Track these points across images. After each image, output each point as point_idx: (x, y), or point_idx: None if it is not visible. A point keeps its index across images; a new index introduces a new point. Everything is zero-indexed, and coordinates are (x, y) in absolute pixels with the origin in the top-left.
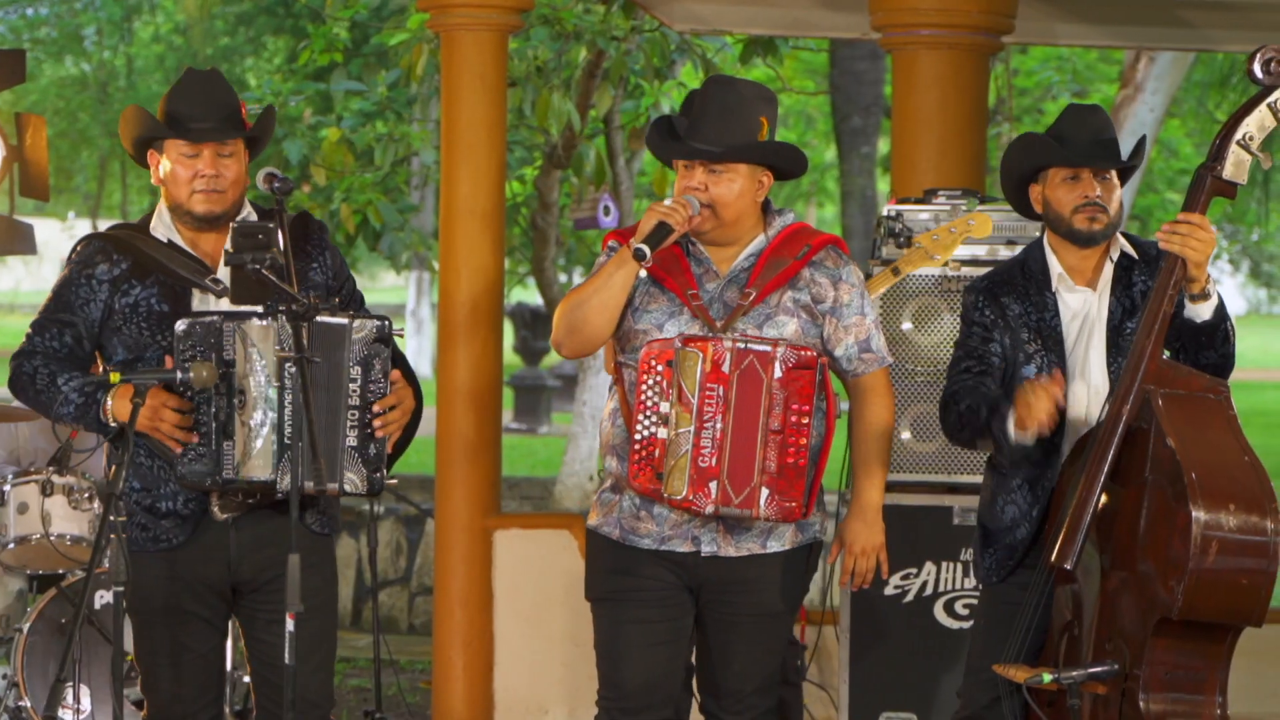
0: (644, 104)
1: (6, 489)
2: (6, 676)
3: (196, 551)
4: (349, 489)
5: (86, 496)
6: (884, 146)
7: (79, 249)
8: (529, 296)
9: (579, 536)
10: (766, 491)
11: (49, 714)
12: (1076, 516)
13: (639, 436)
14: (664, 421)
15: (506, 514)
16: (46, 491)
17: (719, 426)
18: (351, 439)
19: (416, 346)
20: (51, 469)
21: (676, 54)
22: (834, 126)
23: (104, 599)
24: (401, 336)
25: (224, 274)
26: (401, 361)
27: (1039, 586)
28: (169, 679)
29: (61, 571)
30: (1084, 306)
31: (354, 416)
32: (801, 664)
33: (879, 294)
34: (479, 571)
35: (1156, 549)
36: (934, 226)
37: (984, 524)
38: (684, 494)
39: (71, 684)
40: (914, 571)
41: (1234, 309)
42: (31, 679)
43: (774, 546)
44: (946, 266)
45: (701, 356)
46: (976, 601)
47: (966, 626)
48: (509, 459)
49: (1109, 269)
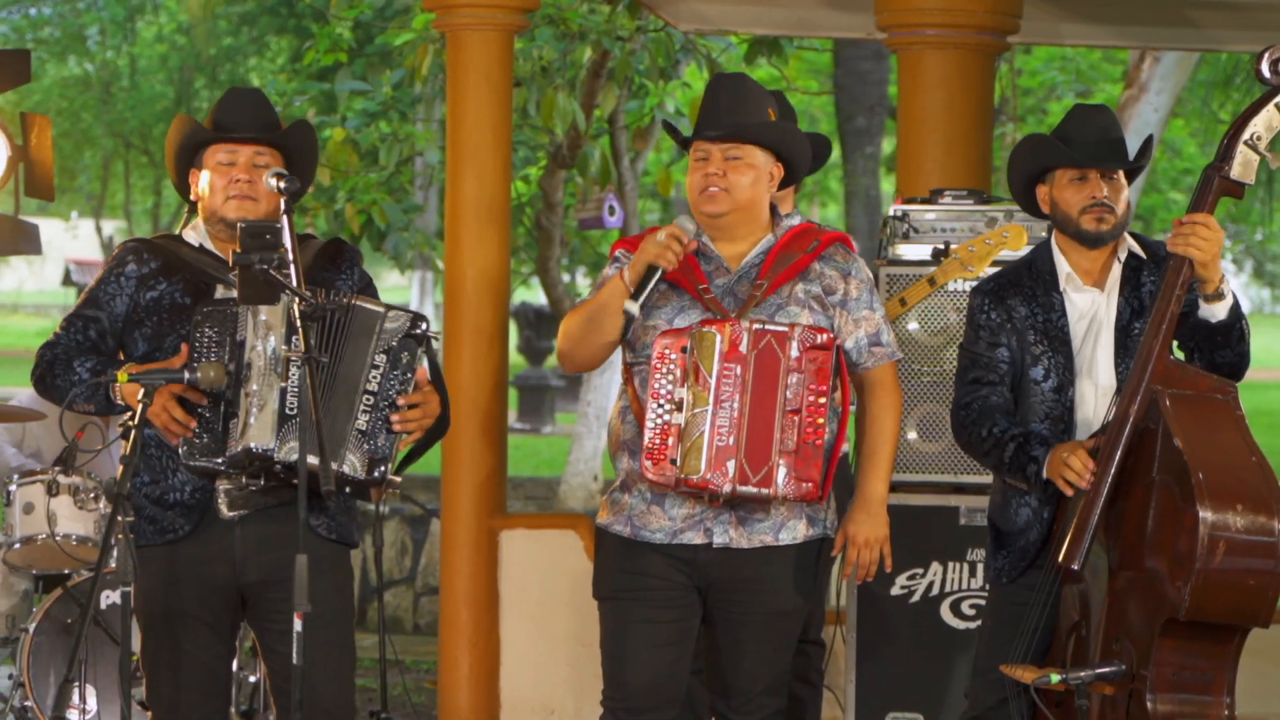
0: (649, 104)
1: (13, 489)
2: (12, 677)
3: (201, 548)
4: (347, 470)
5: (92, 496)
6: (888, 146)
7: (116, 252)
8: (533, 296)
9: (585, 537)
10: (784, 471)
11: (57, 714)
12: (1084, 517)
13: (652, 425)
14: (678, 407)
15: (512, 514)
16: (52, 491)
17: (736, 406)
18: (361, 423)
19: None
20: (57, 469)
21: (681, 54)
22: (838, 126)
23: (110, 599)
24: (437, 339)
25: None
26: (435, 369)
27: (1046, 587)
28: (170, 685)
29: (67, 572)
30: (1092, 307)
31: (368, 402)
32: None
33: (916, 304)
34: (485, 572)
35: (1164, 549)
36: (941, 227)
37: (996, 525)
38: (701, 473)
39: (78, 684)
40: (920, 572)
41: None
42: (37, 679)
43: (785, 539)
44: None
45: (719, 336)
46: (983, 602)
47: (973, 627)
48: (513, 459)
49: (1117, 269)
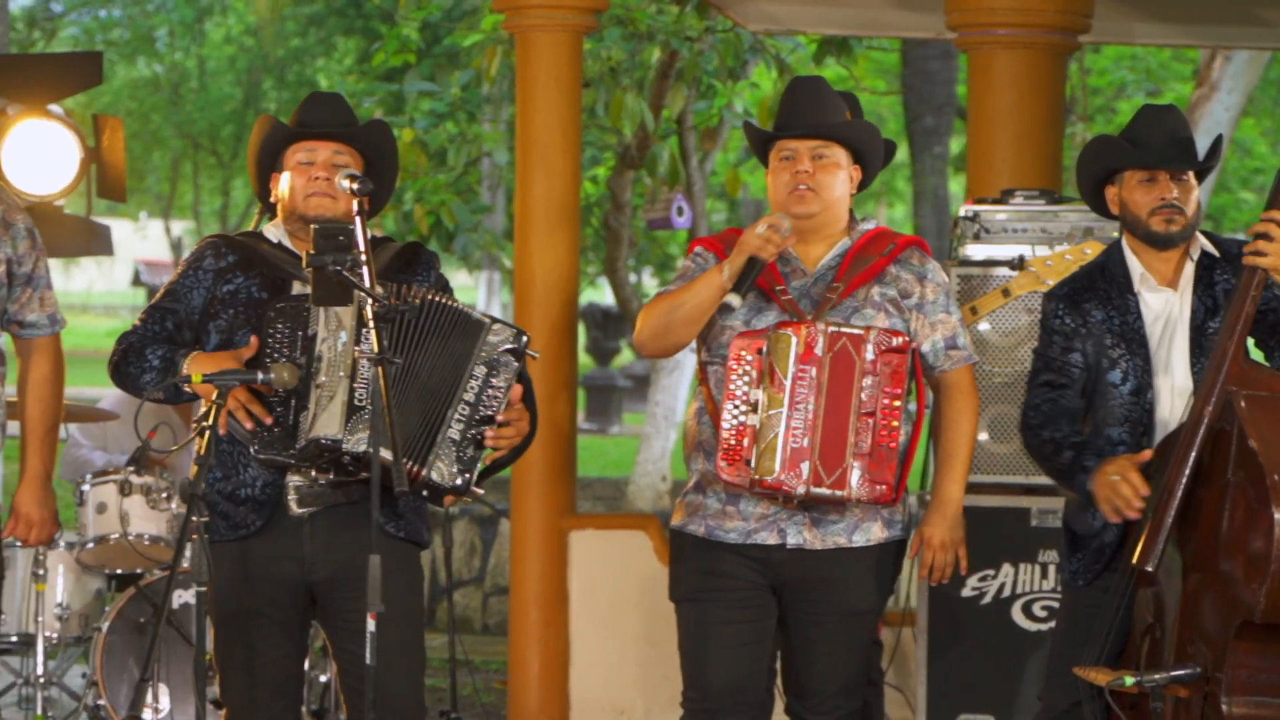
0: (717, 104)
1: (85, 489)
2: (86, 675)
3: (271, 545)
4: (434, 477)
5: (164, 496)
6: (956, 146)
7: (196, 248)
8: (600, 297)
9: (654, 537)
10: (858, 473)
11: (133, 713)
12: (1158, 518)
13: (727, 426)
14: (753, 408)
15: (582, 514)
16: (125, 491)
17: (811, 408)
18: (454, 431)
19: None
20: (130, 469)
21: (749, 54)
22: (906, 126)
23: (182, 599)
24: (535, 358)
25: None
26: (529, 387)
27: (1121, 589)
28: (243, 683)
29: (139, 571)
30: (1166, 307)
31: (463, 412)
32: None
33: (989, 313)
34: (554, 572)
35: (1239, 551)
36: (1012, 228)
37: (1071, 528)
38: (776, 474)
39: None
40: (992, 573)
41: None
42: (110, 678)
43: (859, 541)
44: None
45: (795, 339)
46: (1055, 603)
47: (1044, 628)
48: (580, 459)
49: (1189, 269)
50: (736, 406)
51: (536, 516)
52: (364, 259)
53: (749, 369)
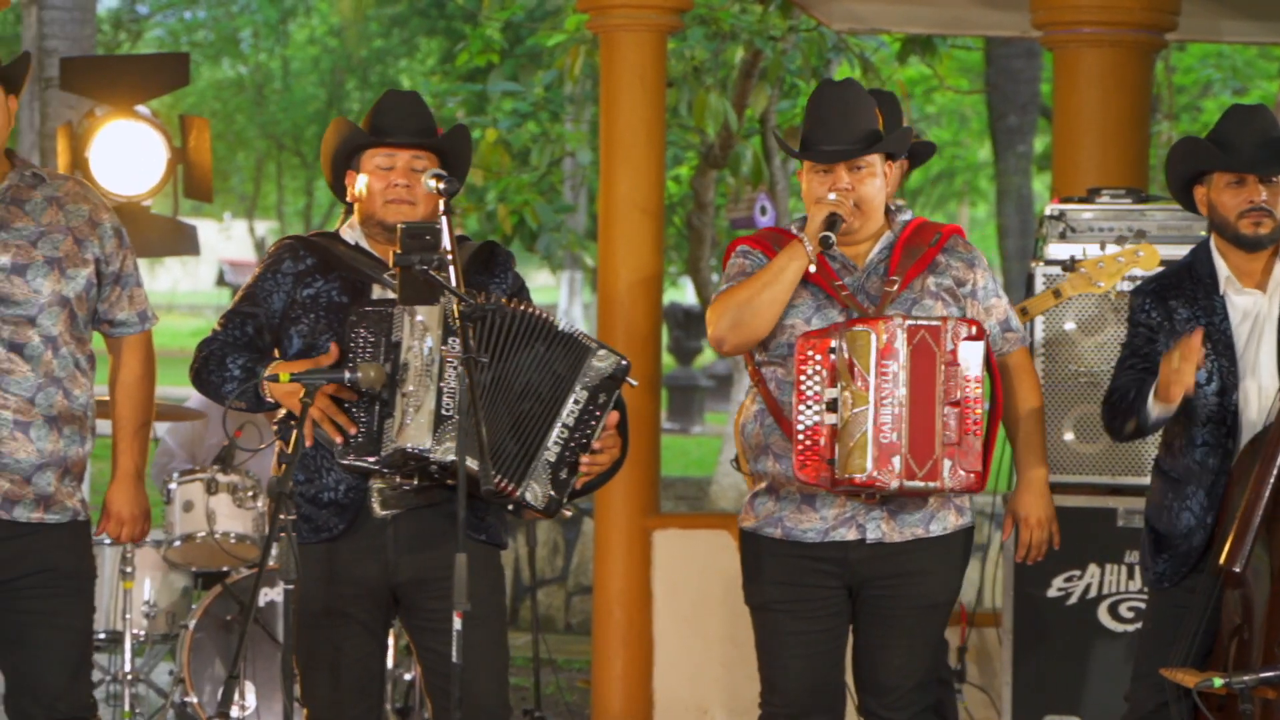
0: (800, 104)
1: (173, 487)
2: (173, 673)
3: (355, 547)
4: (528, 497)
5: (250, 495)
6: (1039, 145)
7: (272, 250)
8: (681, 296)
9: (738, 537)
10: (949, 463)
11: (222, 710)
12: (1246, 518)
13: (802, 427)
14: (830, 408)
15: (665, 514)
16: (211, 490)
17: (897, 403)
18: (551, 454)
19: None
20: (216, 467)
21: (833, 53)
22: (989, 125)
23: (267, 597)
24: (634, 385)
25: None
26: (623, 413)
27: (1208, 590)
28: (327, 682)
29: (226, 569)
30: (1254, 308)
31: (562, 436)
32: (961, 663)
33: (1040, 314)
34: (638, 571)
35: None
36: (1098, 227)
37: (1155, 528)
38: (868, 471)
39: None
40: (1078, 573)
41: None
42: (196, 675)
43: (936, 530)
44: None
45: (874, 335)
46: (1142, 604)
47: (1131, 629)
48: (662, 459)
49: (1278, 270)
50: (809, 407)
51: (620, 516)
52: (450, 258)
53: (819, 368)
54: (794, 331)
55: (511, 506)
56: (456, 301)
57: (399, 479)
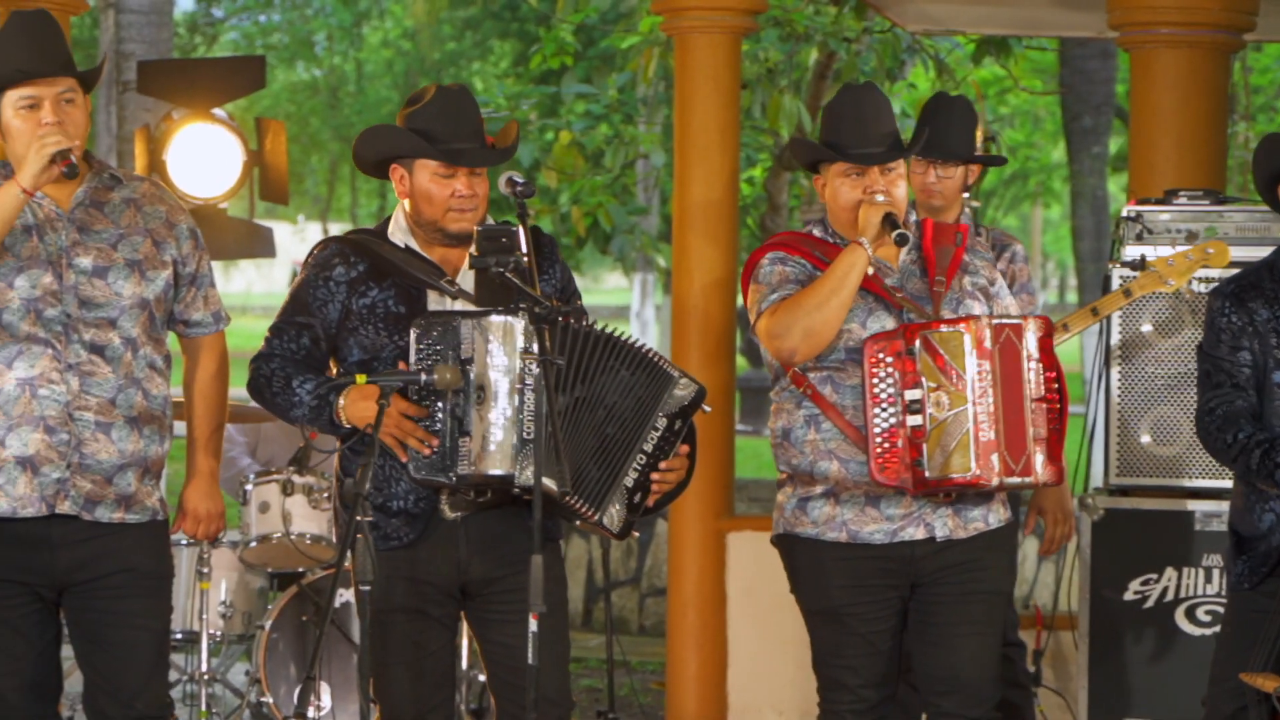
0: None
1: (248, 488)
2: (249, 673)
3: (427, 551)
4: (606, 522)
5: (325, 496)
6: (1114, 146)
7: (315, 252)
8: None
9: (786, 543)
10: (1040, 457)
11: (299, 711)
12: None
13: (879, 429)
14: (910, 409)
15: (739, 516)
16: (287, 491)
17: (991, 401)
18: (629, 479)
19: None
20: (292, 469)
21: (907, 54)
22: (1064, 126)
23: (344, 598)
24: (707, 411)
25: (462, 278)
26: (693, 437)
27: None
28: (405, 678)
29: (301, 570)
30: None
31: (641, 461)
32: (1036, 666)
33: (1110, 314)
34: (712, 573)
35: None
36: (1175, 228)
37: (1237, 530)
38: (972, 470)
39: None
40: (1154, 577)
41: None
42: (273, 676)
43: (994, 523)
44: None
45: (967, 335)
46: (1219, 608)
47: (1209, 633)
48: (736, 460)
49: None
50: (884, 409)
51: (694, 518)
52: (526, 260)
53: (891, 370)
54: (850, 336)
55: (579, 521)
56: (532, 305)
57: (473, 494)
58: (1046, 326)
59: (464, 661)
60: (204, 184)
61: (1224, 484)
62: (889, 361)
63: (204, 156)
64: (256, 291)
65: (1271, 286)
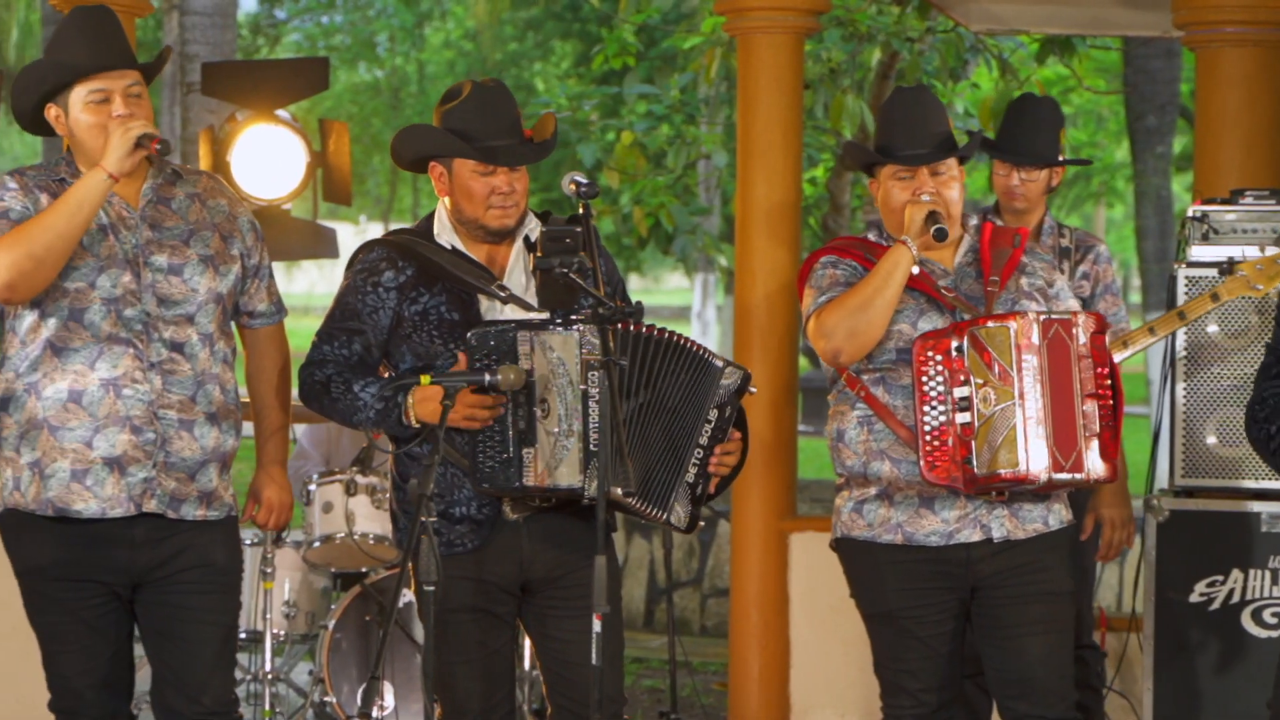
0: None
1: (312, 489)
2: (312, 673)
3: (492, 553)
4: (673, 521)
5: (389, 496)
6: (1178, 146)
7: (360, 256)
8: None
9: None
10: (1092, 454)
11: (363, 711)
12: None
13: (929, 427)
14: (960, 407)
15: (802, 517)
16: (350, 491)
17: (1039, 397)
18: (690, 474)
19: None
20: (355, 469)
21: (970, 54)
22: (1127, 125)
23: (405, 598)
24: (753, 393)
25: (509, 283)
26: (743, 419)
27: None
28: (469, 676)
29: (364, 570)
30: None
31: (698, 456)
32: (1103, 670)
33: (1198, 317)
34: (775, 574)
35: None
36: (1242, 229)
37: None
38: (1020, 466)
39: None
40: (1220, 579)
41: None
42: (336, 675)
43: (1054, 524)
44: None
45: (1013, 330)
46: None
47: (1275, 635)
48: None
49: None
50: (934, 407)
51: (757, 519)
52: (589, 263)
53: (940, 368)
54: (901, 337)
55: (645, 520)
56: (596, 305)
57: (537, 500)
58: (1099, 323)
59: (526, 661)
60: (268, 185)
61: None
62: (938, 360)
63: (268, 157)
64: (319, 292)
65: None
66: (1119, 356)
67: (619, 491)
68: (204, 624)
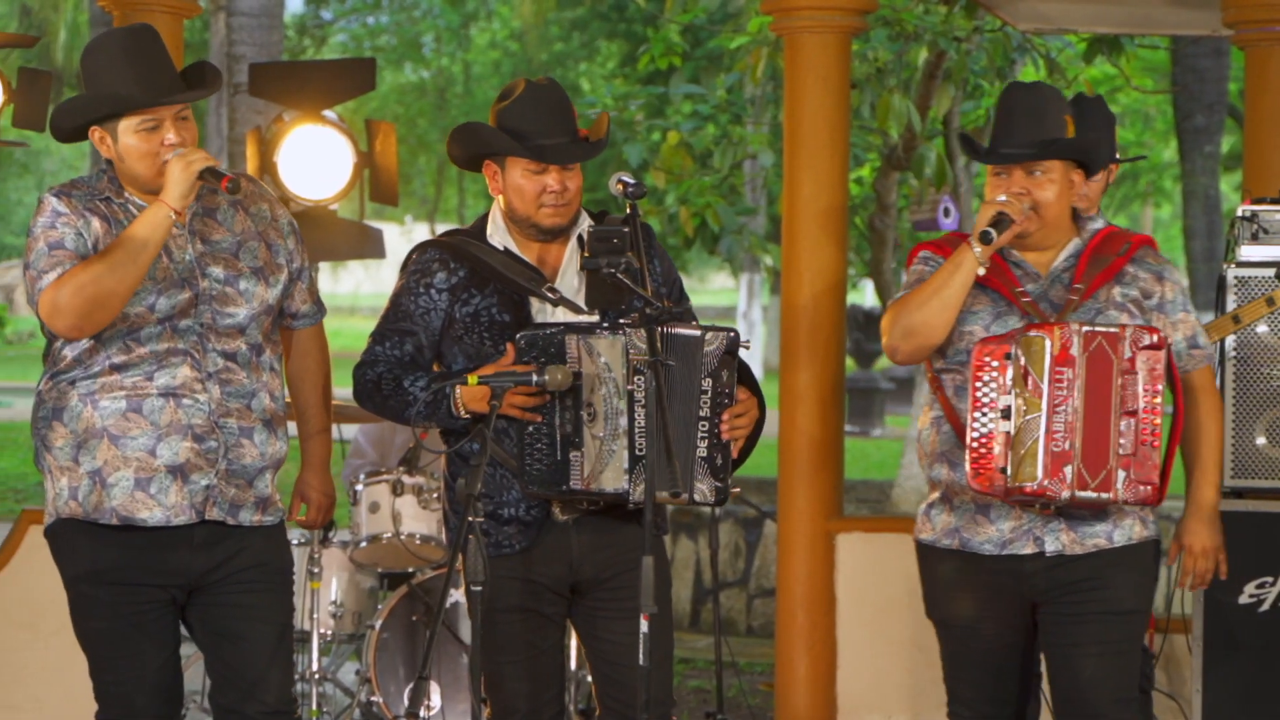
0: (984, 104)
1: (359, 488)
2: (359, 672)
3: (540, 553)
4: (698, 499)
5: (435, 496)
6: (1226, 145)
7: (414, 257)
8: (860, 298)
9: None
10: (1123, 474)
11: (411, 711)
12: None
13: (976, 434)
14: (1004, 415)
15: (849, 517)
16: (397, 491)
17: (1071, 410)
18: (702, 449)
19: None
20: (402, 469)
21: (1017, 54)
22: (1175, 125)
23: (454, 598)
24: (748, 348)
25: (561, 283)
26: (746, 373)
27: None
28: (517, 676)
29: (411, 570)
30: None
31: (704, 427)
32: (1152, 672)
33: (1253, 322)
34: (821, 574)
35: None
36: None
37: None
38: (1039, 480)
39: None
40: (1270, 580)
41: None
42: (383, 675)
43: (1120, 540)
44: None
45: (1049, 341)
46: None
47: None
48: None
49: None
50: (984, 414)
51: (803, 519)
52: (637, 263)
53: (996, 374)
54: (972, 338)
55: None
56: (644, 306)
57: (585, 503)
58: (1157, 338)
59: (573, 662)
60: (315, 185)
61: None
62: (995, 365)
63: (315, 158)
64: (365, 292)
65: None
66: None
67: (666, 495)
68: (261, 621)
